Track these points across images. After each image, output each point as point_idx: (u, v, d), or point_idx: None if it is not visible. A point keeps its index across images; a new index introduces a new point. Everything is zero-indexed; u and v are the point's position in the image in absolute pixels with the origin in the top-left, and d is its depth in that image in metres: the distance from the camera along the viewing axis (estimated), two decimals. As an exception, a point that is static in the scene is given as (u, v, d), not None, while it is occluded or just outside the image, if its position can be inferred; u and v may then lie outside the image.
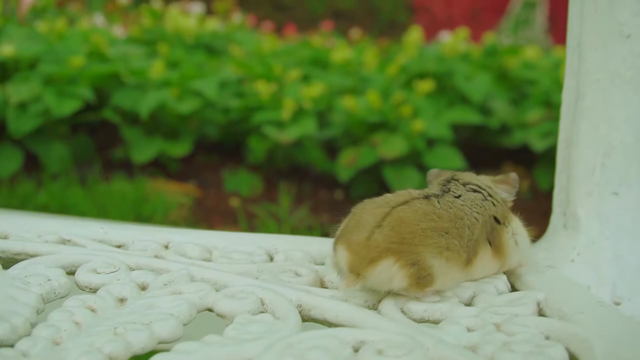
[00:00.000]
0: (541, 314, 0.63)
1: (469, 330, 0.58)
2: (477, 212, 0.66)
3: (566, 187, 0.77)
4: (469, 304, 0.65)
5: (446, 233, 0.62)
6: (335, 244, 0.64)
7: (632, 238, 0.73)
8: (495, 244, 0.68)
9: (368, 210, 0.63)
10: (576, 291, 0.68)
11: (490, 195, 0.69)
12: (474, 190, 0.69)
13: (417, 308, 0.62)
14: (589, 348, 0.55)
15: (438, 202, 0.65)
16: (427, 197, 0.65)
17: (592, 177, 0.74)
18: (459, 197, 0.67)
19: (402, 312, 0.62)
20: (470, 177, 0.71)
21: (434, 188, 0.69)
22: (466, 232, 0.64)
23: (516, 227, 0.71)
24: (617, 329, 0.58)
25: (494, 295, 0.66)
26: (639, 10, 0.72)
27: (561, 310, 0.62)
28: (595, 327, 0.58)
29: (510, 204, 0.72)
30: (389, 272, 0.60)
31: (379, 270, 0.60)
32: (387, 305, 0.62)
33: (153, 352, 0.54)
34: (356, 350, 0.55)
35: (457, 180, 0.70)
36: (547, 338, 0.57)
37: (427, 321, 0.62)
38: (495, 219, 0.68)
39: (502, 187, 0.72)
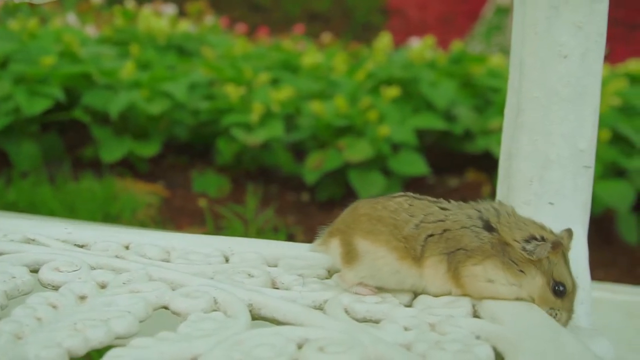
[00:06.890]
0: (476, 315, 0.67)
1: (405, 329, 0.62)
2: (433, 222, 0.68)
3: (507, 196, 0.82)
4: (409, 305, 0.69)
5: (378, 221, 0.69)
6: None
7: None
8: (452, 269, 0.68)
9: None
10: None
11: (483, 229, 0.68)
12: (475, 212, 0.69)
13: (360, 308, 0.67)
14: (514, 347, 0.59)
15: (407, 201, 0.70)
16: (404, 195, 0.71)
17: (529, 188, 0.79)
18: (444, 208, 0.70)
19: (346, 312, 0.66)
20: (512, 213, 0.69)
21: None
22: (408, 227, 0.68)
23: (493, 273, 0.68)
24: (543, 331, 0.63)
25: (433, 297, 0.70)
26: (576, 33, 0.77)
27: (493, 312, 0.66)
28: (522, 328, 0.62)
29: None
30: (336, 249, 0.71)
31: (332, 246, 0.72)
32: (332, 305, 0.67)
33: (110, 347, 0.58)
34: (300, 347, 0.58)
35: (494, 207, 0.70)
36: (478, 338, 0.61)
37: (369, 321, 0.66)
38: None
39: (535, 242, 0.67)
